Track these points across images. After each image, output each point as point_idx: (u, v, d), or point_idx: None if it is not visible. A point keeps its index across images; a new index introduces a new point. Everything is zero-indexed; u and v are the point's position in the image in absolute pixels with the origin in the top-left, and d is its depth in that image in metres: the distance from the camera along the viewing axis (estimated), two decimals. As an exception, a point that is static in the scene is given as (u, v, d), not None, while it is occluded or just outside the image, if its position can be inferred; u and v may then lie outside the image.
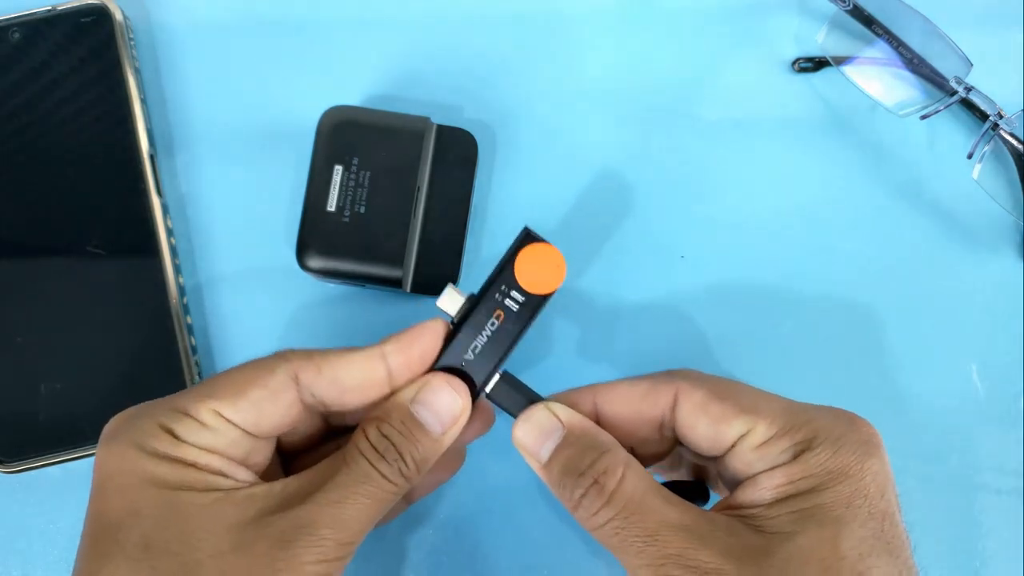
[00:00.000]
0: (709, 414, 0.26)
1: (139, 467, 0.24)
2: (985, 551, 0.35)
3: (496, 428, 0.35)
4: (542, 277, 0.27)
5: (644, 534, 0.24)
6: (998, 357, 0.37)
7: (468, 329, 0.27)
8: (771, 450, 0.25)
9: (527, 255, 0.27)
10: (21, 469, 0.34)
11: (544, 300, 0.27)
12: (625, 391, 0.28)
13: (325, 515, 0.24)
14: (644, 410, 0.27)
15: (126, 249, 0.35)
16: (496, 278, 0.27)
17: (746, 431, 0.25)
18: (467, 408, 0.27)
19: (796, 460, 0.24)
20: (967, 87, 0.36)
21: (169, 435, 0.24)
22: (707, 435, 0.26)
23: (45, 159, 0.35)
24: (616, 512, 0.24)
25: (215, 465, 0.24)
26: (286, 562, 0.23)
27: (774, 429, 0.25)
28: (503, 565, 0.35)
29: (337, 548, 0.24)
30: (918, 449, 0.36)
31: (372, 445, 0.25)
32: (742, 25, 0.39)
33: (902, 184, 0.38)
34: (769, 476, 0.25)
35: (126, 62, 0.36)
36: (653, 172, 0.37)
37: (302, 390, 0.26)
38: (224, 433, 0.25)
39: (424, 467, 0.26)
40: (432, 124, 0.35)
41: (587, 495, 0.25)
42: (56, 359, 0.34)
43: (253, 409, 0.25)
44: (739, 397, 0.26)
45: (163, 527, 0.23)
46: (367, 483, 0.24)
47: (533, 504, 0.35)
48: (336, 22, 0.38)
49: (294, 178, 0.36)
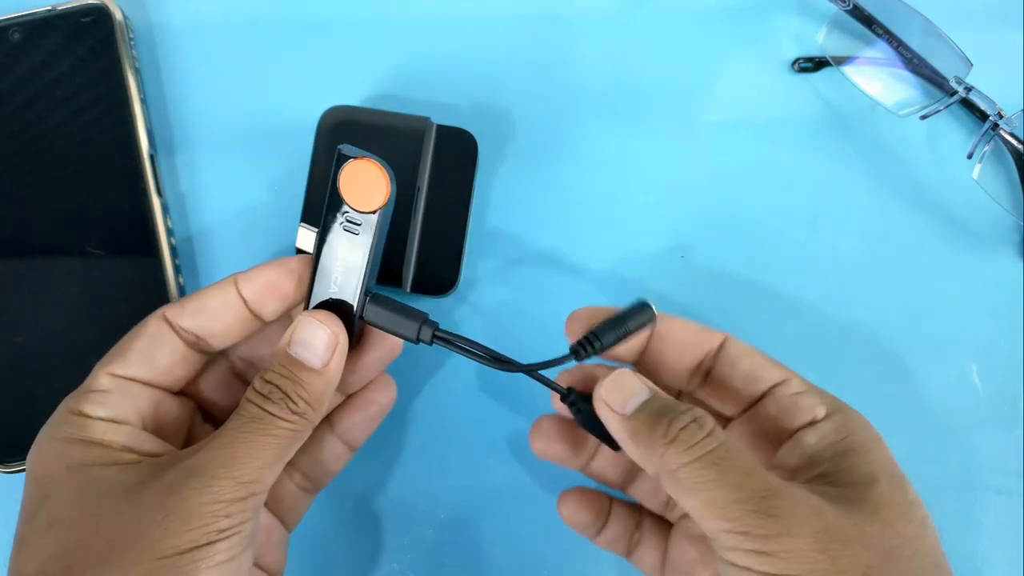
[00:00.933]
0: (753, 359, 0.29)
1: (50, 456, 0.25)
2: (985, 551, 0.35)
3: (496, 428, 0.35)
4: (368, 193, 0.26)
5: (748, 466, 0.24)
6: (998, 357, 0.37)
7: (323, 261, 0.27)
8: (808, 400, 0.27)
9: (347, 175, 0.26)
10: (21, 469, 0.34)
11: (377, 216, 0.27)
12: (681, 324, 0.29)
13: (215, 457, 0.24)
14: (694, 346, 0.29)
15: (126, 249, 0.35)
16: (328, 205, 0.27)
17: (782, 380, 0.28)
18: (340, 335, 0.27)
19: (829, 418, 0.27)
20: (967, 87, 0.36)
21: (79, 416, 0.26)
22: (747, 375, 0.28)
23: (45, 159, 0.35)
24: (719, 443, 0.24)
25: (120, 441, 0.26)
26: (177, 506, 0.23)
27: (807, 386, 0.28)
28: (503, 565, 0.35)
29: (234, 487, 0.24)
30: (918, 449, 0.36)
31: (258, 391, 0.26)
32: (742, 25, 0.39)
33: (902, 184, 0.38)
34: (813, 430, 0.27)
35: (126, 62, 0.36)
36: (653, 172, 0.37)
37: (177, 330, 0.28)
38: (124, 392, 0.26)
39: (318, 403, 0.27)
40: (432, 124, 0.35)
41: (688, 428, 0.25)
42: (56, 359, 0.34)
43: (140, 358, 0.27)
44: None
45: (68, 503, 0.24)
46: (256, 423, 0.25)
47: (533, 504, 0.35)
48: (336, 22, 0.38)
49: (294, 178, 0.36)
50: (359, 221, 0.27)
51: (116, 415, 0.26)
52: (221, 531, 0.23)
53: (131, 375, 0.27)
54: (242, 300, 0.28)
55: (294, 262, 0.29)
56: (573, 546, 0.35)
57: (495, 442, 0.35)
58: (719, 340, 0.29)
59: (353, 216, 0.27)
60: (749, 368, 0.28)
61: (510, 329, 0.36)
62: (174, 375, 0.28)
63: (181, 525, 0.23)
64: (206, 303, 0.28)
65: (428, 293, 0.35)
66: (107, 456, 0.25)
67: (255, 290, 0.28)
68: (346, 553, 0.34)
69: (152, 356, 0.27)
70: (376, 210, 0.26)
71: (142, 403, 0.27)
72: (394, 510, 0.35)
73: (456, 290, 0.35)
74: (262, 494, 0.25)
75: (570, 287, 0.36)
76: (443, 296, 0.35)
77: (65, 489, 0.24)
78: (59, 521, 0.24)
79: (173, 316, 0.28)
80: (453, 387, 0.35)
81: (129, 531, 0.23)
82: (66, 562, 0.23)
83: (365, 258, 0.27)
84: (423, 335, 0.27)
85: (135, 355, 0.27)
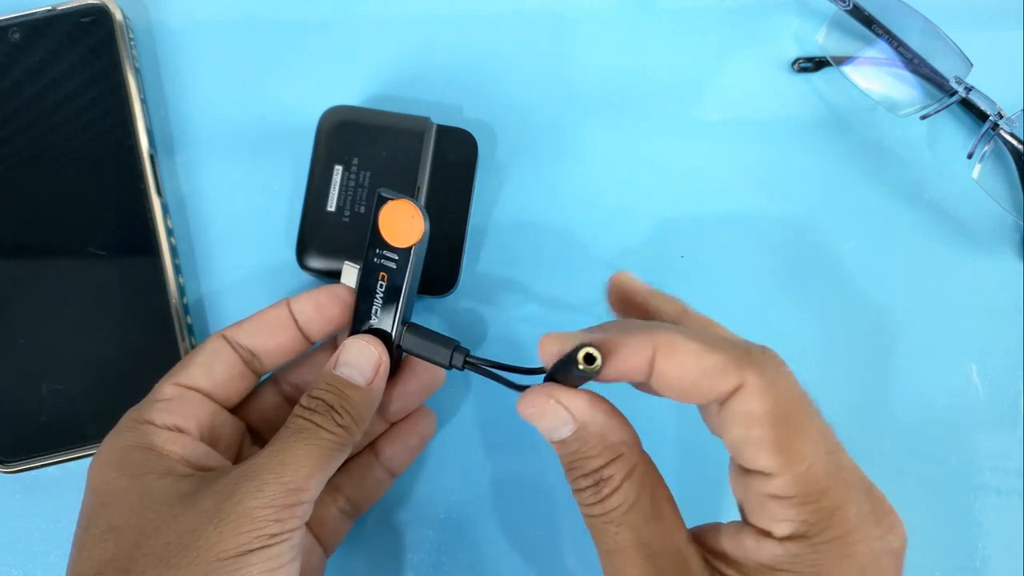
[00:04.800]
0: (750, 431, 0.23)
1: (111, 464, 0.27)
2: (985, 551, 0.35)
3: (495, 428, 0.35)
4: (404, 230, 0.29)
5: (614, 547, 0.24)
6: (998, 357, 0.37)
7: (364, 295, 0.30)
8: (778, 510, 0.23)
9: (387, 214, 0.29)
10: (21, 469, 0.34)
11: (412, 252, 0.29)
12: (693, 360, 0.23)
13: (264, 464, 0.25)
14: (706, 388, 0.24)
15: (126, 249, 0.35)
16: (369, 243, 0.29)
17: (768, 472, 0.23)
18: (383, 355, 0.29)
19: (784, 542, 0.23)
20: (967, 87, 0.36)
21: (144, 424, 0.27)
22: (735, 445, 0.24)
23: (45, 159, 0.35)
24: (601, 513, 0.25)
25: (179, 452, 0.27)
26: (230, 510, 0.24)
27: (795, 489, 0.23)
28: (503, 565, 0.35)
29: (284, 493, 0.25)
30: (918, 449, 0.36)
31: (305, 406, 0.28)
32: (742, 25, 0.39)
33: (902, 184, 0.38)
34: (757, 542, 0.24)
35: (126, 62, 0.36)
36: (653, 172, 0.37)
37: (234, 347, 0.30)
38: (186, 401, 0.28)
39: (361, 417, 0.28)
40: (432, 124, 0.35)
41: (585, 492, 0.25)
42: (57, 359, 0.34)
43: (200, 370, 0.29)
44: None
45: (125, 509, 0.25)
46: (303, 433, 0.27)
47: (533, 504, 0.35)
48: (336, 22, 0.38)
49: (294, 178, 0.37)
50: (397, 256, 0.29)
51: (178, 423, 0.28)
52: (272, 536, 0.24)
53: (192, 384, 0.29)
54: (293, 320, 0.30)
55: (340, 289, 0.31)
56: (574, 546, 0.35)
57: (495, 442, 0.35)
58: (729, 389, 0.23)
59: (391, 252, 0.29)
60: (739, 440, 0.23)
61: (510, 329, 0.36)
62: (231, 389, 0.30)
63: (234, 528, 0.24)
64: (261, 322, 0.30)
65: (428, 293, 0.35)
66: (165, 466, 0.26)
67: (305, 310, 0.30)
68: (346, 553, 0.34)
69: (212, 369, 0.29)
70: (412, 246, 0.29)
71: (202, 414, 0.29)
72: (394, 510, 0.35)
73: (456, 290, 0.35)
74: (309, 503, 0.26)
75: (570, 287, 0.36)
76: (443, 296, 0.35)
77: (122, 497, 0.26)
78: (118, 526, 0.25)
79: (231, 334, 0.30)
80: (453, 387, 0.35)
81: (185, 534, 0.24)
82: (125, 564, 0.24)
83: (402, 290, 0.29)
84: (455, 360, 0.29)
85: (196, 367, 0.29)
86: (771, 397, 0.23)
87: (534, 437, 0.35)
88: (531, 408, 0.25)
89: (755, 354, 0.23)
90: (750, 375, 0.23)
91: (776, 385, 0.23)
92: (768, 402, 0.23)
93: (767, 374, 0.23)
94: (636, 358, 0.24)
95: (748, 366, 0.23)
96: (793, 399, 0.23)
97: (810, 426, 0.23)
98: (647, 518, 0.25)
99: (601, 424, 0.25)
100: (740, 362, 0.23)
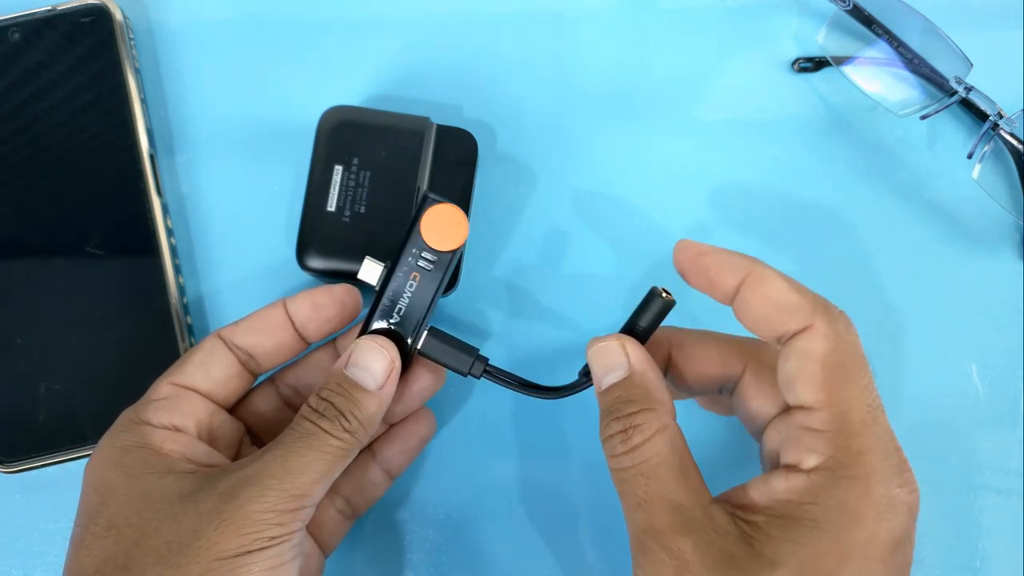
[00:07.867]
0: (761, 391, 0.28)
1: (109, 464, 0.27)
2: (985, 551, 0.35)
3: (495, 428, 0.35)
4: (447, 234, 0.29)
5: (643, 497, 0.25)
6: (998, 357, 0.37)
7: (390, 293, 0.29)
8: (808, 440, 0.25)
9: (430, 216, 0.28)
10: (21, 469, 0.34)
11: (453, 256, 0.29)
12: (777, 294, 0.26)
13: (268, 469, 0.25)
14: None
15: (126, 249, 0.35)
16: (407, 242, 0.29)
17: (799, 406, 0.26)
18: (396, 360, 0.29)
19: (811, 473, 0.25)
20: (967, 87, 0.36)
21: (141, 425, 0.27)
22: (753, 415, 0.28)
23: (45, 159, 0.35)
24: (630, 464, 0.25)
25: (179, 450, 0.27)
26: (232, 512, 0.24)
27: (823, 423, 0.25)
28: (503, 565, 0.35)
29: (286, 498, 0.25)
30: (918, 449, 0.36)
31: (313, 408, 0.27)
32: (742, 25, 0.39)
33: (902, 184, 0.38)
34: (785, 477, 0.25)
35: (126, 62, 0.36)
36: (653, 172, 0.37)
37: (231, 347, 0.30)
38: (183, 400, 0.28)
39: (369, 423, 0.28)
40: (432, 124, 0.35)
41: (614, 438, 0.26)
42: (56, 359, 0.34)
43: (197, 369, 0.29)
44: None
45: (126, 508, 0.25)
46: (310, 438, 0.26)
47: (534, 504, 0.35)
48: (336, 22, 0.38)
49: (294, 178, 0.37)
50: (435, 259, 0.29)
51: (176, 422, 0.28)
52: (272, 538, 0.25)
53: (189, 384, 0.29)
54: (290, 320, 0.30)
55: (339, 290, 0.30)
56: (574, 547, 0.35)
57: (496, 442, 0.35)
58: (798, 328, 0.25)
59: (430, 255, 0.29)
60: (792, 374, 0.25)
61: (510, 328, 0.36)
62: (228, 388, 0.30)
63: (235, 530, 0.24)
64: (258, 322, 0.30)
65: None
66: (165, 464, 0.26)
67: (302, 310, 0.30)
68: (346, 553, 0.34)
69: (208, 368, 0.29)
70: (453, 250, 0.29)
71: (200, 413, 0.29)
72: (394, 510, 0.35)
73: (456, 290, 0.35)
74: (311, 507, 0.26)
75: (570, 287, 0.36)
76: (443, 296, 0.35)
77: (123, 495, 0.26)
78: (118, 525, 0.25)
79: (227, 334, 0.30)
80: (453, 387, 0.35)
81: (186, 533, 0.24)
82: (124, 562, 0.24)
83: (433, 293, 0.29)
84: (474, 369, 0.29)
85: (193, 367, 0.29)
86: (833, 344, 0.25)
87: (534, 437, 0.35)
88: (599, 343, 0.27)
89: (832, 307, 0.26)
90: (821, 321, 0.25)
91: (841, 337, 0.25)
92: (829, 347, 0.25)
93: (836, 326, 0.25)
94: (728, 278, 0.26)
95: (823, 314, 0.25)
96: (853, 353, 0.25)
97: (860, 380, 0.25)
98: (676, 475, 0.25)
99: (649, 380, 0.27)
100: (817, 309, 0.25)
